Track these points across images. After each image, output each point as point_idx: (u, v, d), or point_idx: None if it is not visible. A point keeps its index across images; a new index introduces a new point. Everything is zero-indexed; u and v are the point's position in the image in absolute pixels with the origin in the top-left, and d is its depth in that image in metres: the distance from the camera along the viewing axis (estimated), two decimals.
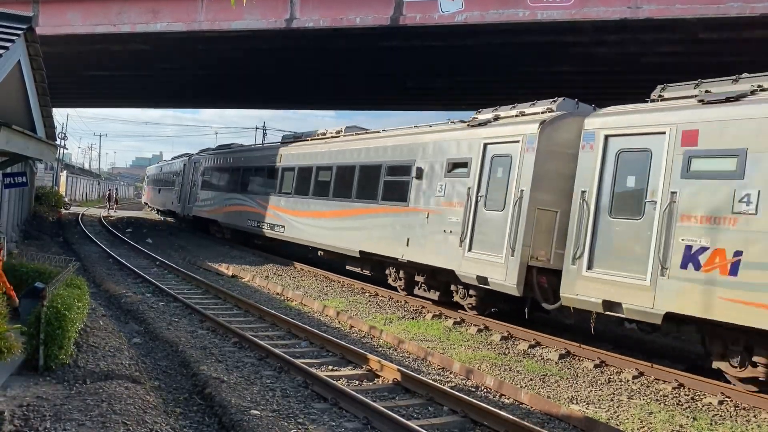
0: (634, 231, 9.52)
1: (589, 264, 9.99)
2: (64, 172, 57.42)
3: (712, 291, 8.35)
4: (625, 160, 9.92)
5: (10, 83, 8.34)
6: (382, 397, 7.95)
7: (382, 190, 15.73)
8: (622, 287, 9.44)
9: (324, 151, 19.24)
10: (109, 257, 19.93)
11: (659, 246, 9.03)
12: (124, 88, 32.41)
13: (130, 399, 6.49)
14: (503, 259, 11.49)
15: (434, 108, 35.00)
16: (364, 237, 15.96)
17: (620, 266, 9.59)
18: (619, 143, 10.03)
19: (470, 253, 12.33)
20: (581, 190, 10.32)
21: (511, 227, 11.44)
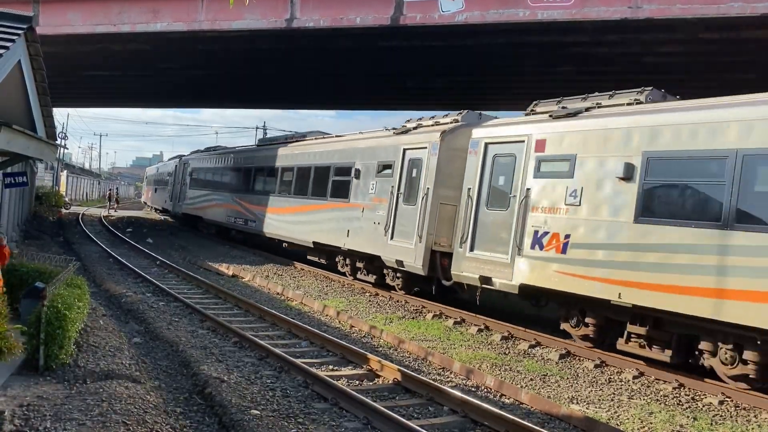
0: (502, 220, 11.84)
1: (471, 247, 12.34)
2: (65, 171, 57.42)
3: (550, 266, 10.62)
4: (498, 163, 12.30)
5: (10, 83, 8.34)
6: (383, 397, 7.95)
7: (330, 189, 18.09)
8: (493, 265, 11.78)
9: (288, 154, 21.72)
10: (110, 257, 19.94)
11: (517, 231, 11.34)
12: (124, 88, 32.41)
13: (131, 399, 6.49)
14: (413, 245, 13.86)
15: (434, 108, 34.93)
16: (316, 230, 18.33)
17: (492, 248, 11.91)
18: (495, 149, 12.39)
19: (392, 241, 14.70)
20: (467, 187, 12.65)
21: (420, 218, 13.84)
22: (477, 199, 12.43)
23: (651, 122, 9.75)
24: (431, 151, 13.95)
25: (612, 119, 10.44)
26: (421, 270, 13.62)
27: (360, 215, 16.16)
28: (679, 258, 8.86)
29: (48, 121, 10.05)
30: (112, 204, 49.09)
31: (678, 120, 9.42)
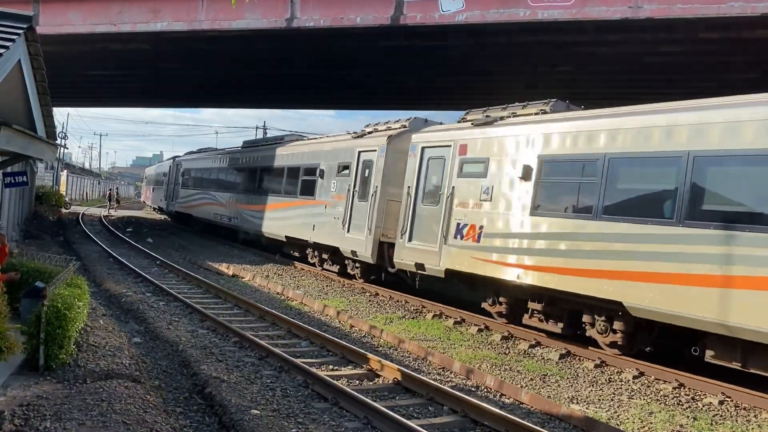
0: (433, 214, 13.43)
1: (410, 238, 14.02)
2: (65, 171, 57.42)
3: (468, 253, 12.30)
4: (431, 164, 13.90)
5: (10, 82, 8.33)
6: (383, 397, 7.95)
7: (300, 188, 19.90)
8: (426, 253, 13.40)
9: (265, 155, 23.44)
10: (110, 257, 19.94)
11: (444, 224, 12.96)
12: (124, 88, 32.41)
13: (131, 398, 6.49)
14: (365, 238, 15.62)
15: (434, 108, 35.05)
16: (288, 225, 20.17)
17: (425, 239, 13.54)
18: (429, 152, 14.00)
19: (348, 234, 16.46)
20: (407, 185, 14.30)
21: (370, 213, 15.60)
22: (414, 196, 14.13)
23: (545, 130, 11.36)
24: (380, 153, 15.78)
25: (517, 127, 12.10)
26: (370, 259, 15.42)
27: (323, 211, 17.99)
28: (563, 244, 10.49)
29: (48, 121, 10.05)
30: (113, 204, 49.08)
31: (564, 128, 11.02)
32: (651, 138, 9.52)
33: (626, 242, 9.51)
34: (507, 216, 11.64)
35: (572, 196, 10.70)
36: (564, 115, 11.60)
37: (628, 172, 9.93)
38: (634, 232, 9.43)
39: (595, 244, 9.95)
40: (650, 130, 9.56)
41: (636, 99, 10.92)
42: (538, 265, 10.77)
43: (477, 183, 12.43)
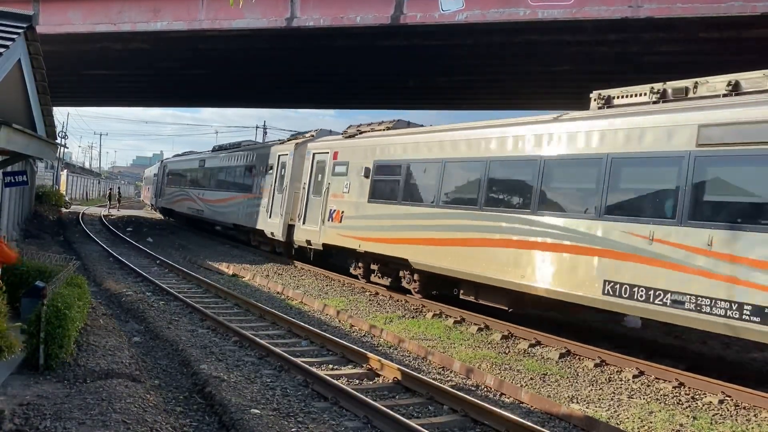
0: (318, 203, 17.90)
1: (303, 221, 18.71)
2: (65, 171, 57.42)
3: (336, 231, 16.74)
4: (318, 166, 18.52)
5: (10, 82, 8.33)
6: (383, 396, 7.95)
7: (244, 184, 24.67)
8: (312, 233, 17.91)
9: (224, 156, 28.53)
10: (110, 256, 19.94)
11: (323, 210, 17.45)
12: (124, 87, 32.40)
13: (131, 398, 6.49)
14: (278, 221, 20.41)
15: (434, 107, 35.05)
16: (236, 214, 24.98)
17: (313, 222, 17.99)
18: (317, 157, 18.72)
19: (269, 219, 21.24)
20: (303, 182, 19.10)
21: (282, 202, 20.37)
22: (307, 189, 18.86)
23: (380, 143, 15.93)
24: (290, 156, 20.66)
25: (365, 140, 16.74)
26: (281, 237, 20.19)
27: (258, 202, 22.55)
28: (381, 222, 14.92)
29: (48, 120, 10.05)
30: (113, 203, 49.06)
31: (388, 141, 15.67)
32: (422, 149, 14.29)
33: (410, 219, 14.03)
34: (356, 203, 16.11)
35: (390, 189, 15.06)
36: (395, 131, 16.10)
37: (416, 173, 14.49)
38: (413, 212, 14.04)
39: (395, 221, 14.47)
40: (425, 145, 14.29)
41: None
42: (370, 237, 15.22)
43: (342, 180, 16.92)
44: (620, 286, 9.41)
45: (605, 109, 11.05)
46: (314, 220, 17.79)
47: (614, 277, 9.51)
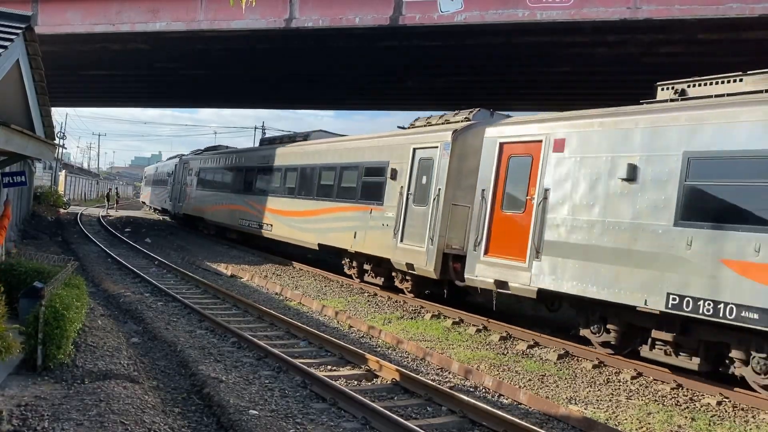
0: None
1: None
2: (63, 171, 57.36)
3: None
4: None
5: (8, 82, 8.32)
6: (381, 397, 7.95)
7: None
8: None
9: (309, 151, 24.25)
10: (108, 257, 19.92)
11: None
12: (123, 88, 32.38)
13: (129, 399, 6.49)
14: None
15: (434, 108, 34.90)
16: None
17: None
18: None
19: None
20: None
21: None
22: (184, 181, 25.39)
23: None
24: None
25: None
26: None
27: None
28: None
29: (46, 121, 10.03)
30: (111, 204, 49.01)
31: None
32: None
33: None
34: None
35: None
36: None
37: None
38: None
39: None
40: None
41: (634, 100, 10.89)
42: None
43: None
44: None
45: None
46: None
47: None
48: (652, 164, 9.36)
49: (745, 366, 8.54)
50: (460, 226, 12.90)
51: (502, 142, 12.06)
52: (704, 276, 8.44)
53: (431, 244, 13.34)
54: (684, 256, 8.72)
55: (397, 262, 14.48)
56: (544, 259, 10.63)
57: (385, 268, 15.46)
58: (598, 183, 10.05)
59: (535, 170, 11.13)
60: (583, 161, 10.34)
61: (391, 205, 15.05)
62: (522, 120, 12.58)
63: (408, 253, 14.07)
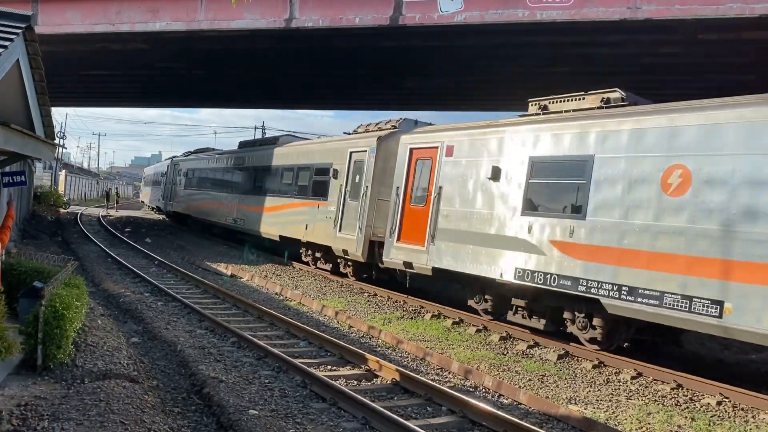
0: (158, 191, 34.11)
1: (170, 199, 30.81)
2: (63, 171, 57.37)
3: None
4: (178, 172, 31.56)
5: (8, 82, 8.32)
6: (381, 397, 7.95)
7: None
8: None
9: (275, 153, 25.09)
10: (108, 257, 19.92)
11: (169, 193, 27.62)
12: (123, 88, 32.38)
13: (128, 398, 6.49)
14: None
15: (434, 108, 35.01)
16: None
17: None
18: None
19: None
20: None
21: (164, 191, 33.55)
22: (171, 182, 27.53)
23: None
24: (170, 166, 28.09)
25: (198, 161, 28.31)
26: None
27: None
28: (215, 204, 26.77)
29: (46, 121, 10.03)
30: (111, 204, 49.03)
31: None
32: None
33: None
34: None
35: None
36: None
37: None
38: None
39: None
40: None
41: None
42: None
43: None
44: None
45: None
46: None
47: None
48: (509, 166, 11.72)
49: (572, 324, 10.65)
50: (383, 217, 15.12)
51: (411, 148, 14.38)
52: (540, 254, 10.77)
53: (360, 233, 15.76)
54: (526, 239, 11.09)
55: (337, 249, 16.91)
56: (437, 243, 13.05)
57: (332, 255, 17.56)
58: (473, 181, 12.44)
59: (434, 171, 13.47)
60: (465, 164, 12.76)
61: (333, 200, 17.43)
62: (427, 129, 15.01)
63: (344, 241, 16.50)
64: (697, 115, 9.14)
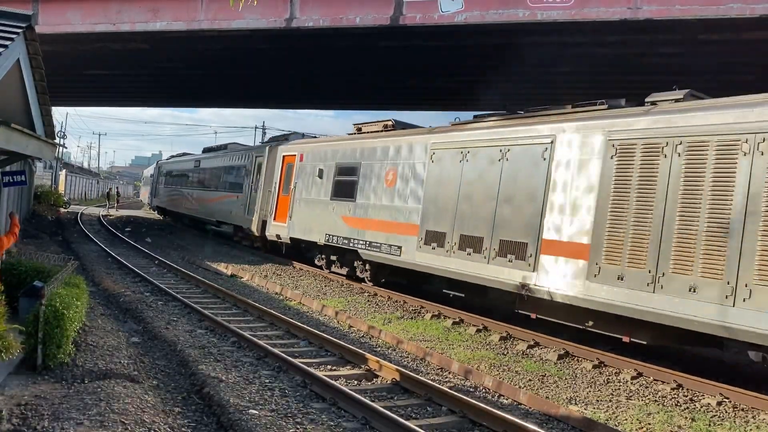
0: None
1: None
2: (64, 170, 57.37)
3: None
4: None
5: (9, 82, 8.33)
6: (381, 397, 7.95)
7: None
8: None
9: (214, 158, 31.43)
10: (108, 256, 19.92)
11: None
12: (123, 87, 32.37)
13: (129, 398, 6.49)
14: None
15: (434, 108, 34.97)
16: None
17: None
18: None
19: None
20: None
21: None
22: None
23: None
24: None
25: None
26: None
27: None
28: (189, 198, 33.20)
29: (47, 120, 10.04)
30: (111, 203, 49.05)
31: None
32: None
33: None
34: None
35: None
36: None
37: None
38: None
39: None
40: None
41: (634, 100, 10.90)
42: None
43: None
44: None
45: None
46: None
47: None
48: (327, 168, 17.77)
49: (359, 271, 16.24)
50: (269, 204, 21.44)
51: (284, 155, 20.80)
52: (336, 224, 16.81)
53: (256, 215, 22.39)
54: (331, 215, 17.17)
55: (246, 228, 23.55)
56: (293, 220, 19.18)
57: (245, 232, 24.27)
58: (311, 178, 18.57)
59: (293, 171, 19.69)
60: (309, 167, 18.81)
61: (244, 193, 24.09)
62: (294, 142, 21.60)
63: (249, 222, 23.21)
64: (399, 139, 15.18)
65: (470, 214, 12.39)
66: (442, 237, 13.02)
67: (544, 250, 10.67)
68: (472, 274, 12.10)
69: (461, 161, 12.91)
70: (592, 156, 10.15)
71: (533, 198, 11.05)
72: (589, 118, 10.55)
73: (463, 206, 12.60)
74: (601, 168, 9.94)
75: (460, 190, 12.78)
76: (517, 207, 11.37)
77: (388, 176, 15.05)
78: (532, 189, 11.13)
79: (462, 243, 12.44)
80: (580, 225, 10.14)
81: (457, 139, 13.25)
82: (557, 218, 10.55)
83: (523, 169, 11.38)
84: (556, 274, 10.42)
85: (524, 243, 11.07)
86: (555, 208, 10.64)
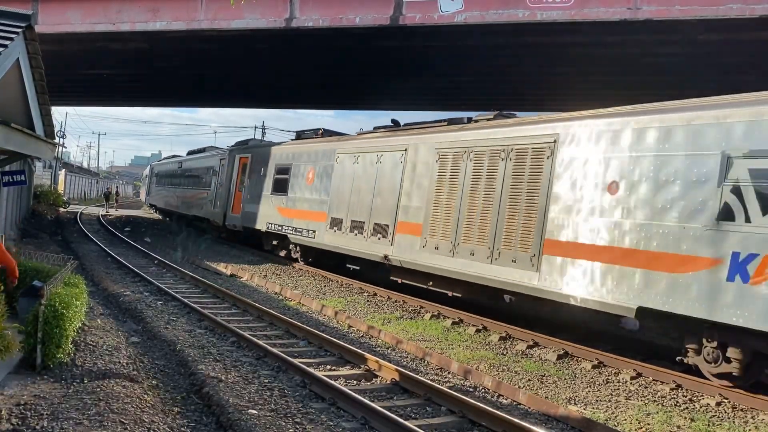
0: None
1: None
2: (63, 170, 57.38)
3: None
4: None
5: (8, 81, 8.33)
6: (380, 397, 7.95)
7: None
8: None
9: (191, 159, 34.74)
10: (108, 256, 19.92)
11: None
12: (123, 87, 32.36)
13: (128, 398, 6.49)
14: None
15: (434, 108, 34.94)
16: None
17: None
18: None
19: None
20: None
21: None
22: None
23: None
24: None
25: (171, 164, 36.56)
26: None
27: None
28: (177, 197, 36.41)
29: (46, 120, 10.04)
30: (111, 203, 49.06)
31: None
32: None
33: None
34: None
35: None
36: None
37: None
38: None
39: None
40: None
41: (635, 101, 10.90)
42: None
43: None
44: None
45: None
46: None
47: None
48: (269, 168, 21.44)
49: (293, 253, 19.65)
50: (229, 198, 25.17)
51: (239, 157, 24.75)
52: (274, 214, 20.48)
53: (220, 208, 25.84)
54: (270, 206, 20.80)
55: (211, 219, 27.18)
56: (245, 211, 22.94)
57: (211, 224, 27.57)
58: (258, 177, 22.26)
59: (246, 171, 23.42)
60: (259, 168, 22.41)
61: (212, 190, 27.60)
62: (248, 146, 25.76)
63: (214, 214, 26.64)
64: (318, 145, 19.01)
65: (357, 203, 16.07)
66: (340, 222, 16.74)
67: (398, 230, 14.28)
68: (357, 250, 15.77)
69: (354, 163, 16.64)
70: (427, 161, 13.70)
71: (393, 191, 14.71)
72: (428, 133, 14.19)
73: (354, 198, 16.28)
74: (431, 170, 13.52)
75: (353, 185, 16.44)
76: (384, 198, 14.98)
77: (309, 175, 18.81)
78: (393, 184, 14.76)
79: (352, 226, 16.16)
80: (416, 210, 13.77)
81: (353, 146, 17.02)
82: (406, 206, 14.18)
83: (389, 169, 15.04)
84: (404, 247, 13.97)
85: (387, 225, 14.73)
86: (404, 198, 14.28)
